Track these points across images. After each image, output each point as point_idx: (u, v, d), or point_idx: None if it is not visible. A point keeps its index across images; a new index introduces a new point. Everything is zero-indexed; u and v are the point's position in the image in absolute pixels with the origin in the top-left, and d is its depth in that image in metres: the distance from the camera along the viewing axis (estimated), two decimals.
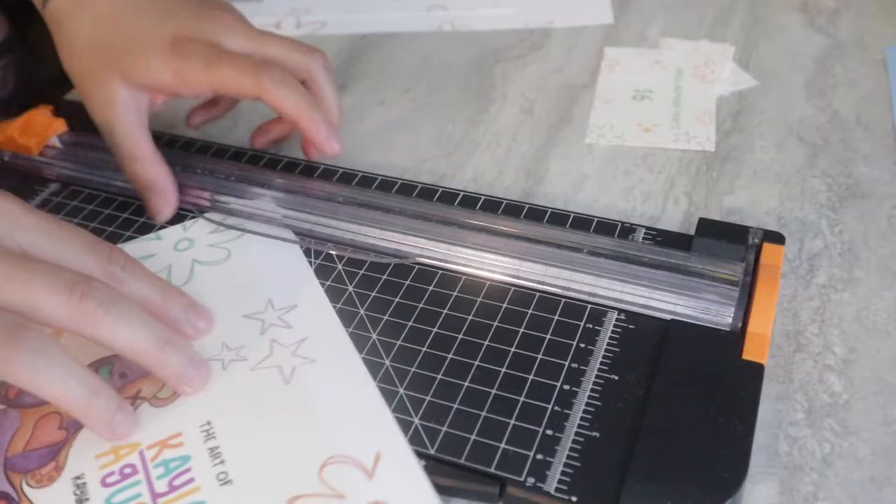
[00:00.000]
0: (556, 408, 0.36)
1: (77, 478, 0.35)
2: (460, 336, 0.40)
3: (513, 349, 0.39)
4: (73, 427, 0.37)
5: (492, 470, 0.34)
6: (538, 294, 0.42)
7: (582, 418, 0.36)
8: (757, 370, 0.37)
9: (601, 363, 0.38)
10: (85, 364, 0.35)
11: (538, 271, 0.42)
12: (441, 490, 0.35)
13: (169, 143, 0.53)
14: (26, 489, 0.34)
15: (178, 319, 0.39)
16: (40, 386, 0.33)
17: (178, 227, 0.46)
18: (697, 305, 0.40)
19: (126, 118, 0.45)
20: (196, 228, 0.46)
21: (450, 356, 0.39)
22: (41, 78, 0.62)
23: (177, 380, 0.37)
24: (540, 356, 0.39)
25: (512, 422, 0.36)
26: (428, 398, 0.37)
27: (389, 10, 0.69)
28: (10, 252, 0.35)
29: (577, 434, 0.35)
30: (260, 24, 0.69)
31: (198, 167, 0.49)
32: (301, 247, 0.44)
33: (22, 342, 0.32)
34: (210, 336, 0.40)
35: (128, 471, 0.35)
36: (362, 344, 0.40)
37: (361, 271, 0.43)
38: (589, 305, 0.41)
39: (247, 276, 0.43)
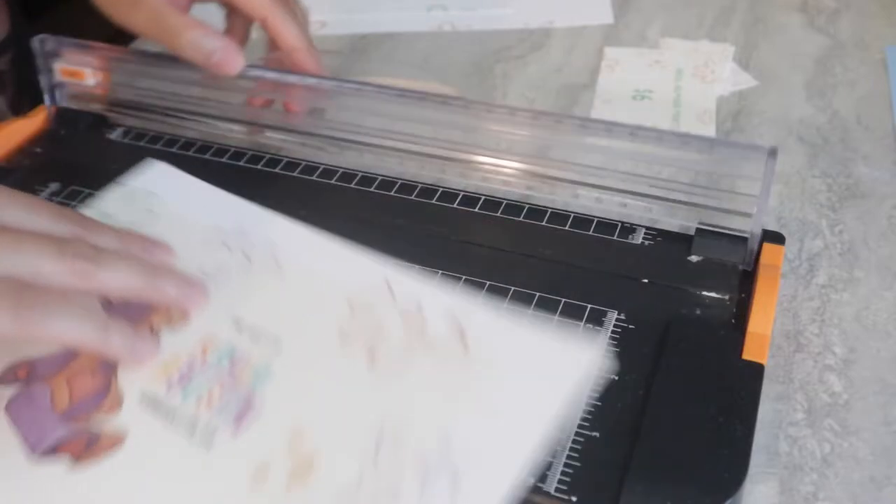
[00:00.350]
0: None
1: (144, 394, 0.37)
2: None
3: None
4: (108, 369, 0.38)
5: None
6: (538, 295, 0.41)
7: (582, 418, 0.36)
8: (757, 370, 0.37)
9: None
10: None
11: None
12: None
13: (169, 143, 0.53)
14: (98, 421, 0.37)
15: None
16: (60, 334, 0.36)
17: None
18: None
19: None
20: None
21: None
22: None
23: (177, 301, 0.40)
24: None
25: None
26: None
27: (389, 10, 0.69)
28: (3, 227, 0.38)
29: (577, 434, 0.35)
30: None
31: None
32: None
33: (33, 300, 0.36)
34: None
35: (186, 370, 0.38)
36: None
37: None
38: (589, 306, 0.41)
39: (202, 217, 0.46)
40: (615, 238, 0.45)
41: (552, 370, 0.36)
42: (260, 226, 0.45)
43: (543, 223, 0.46)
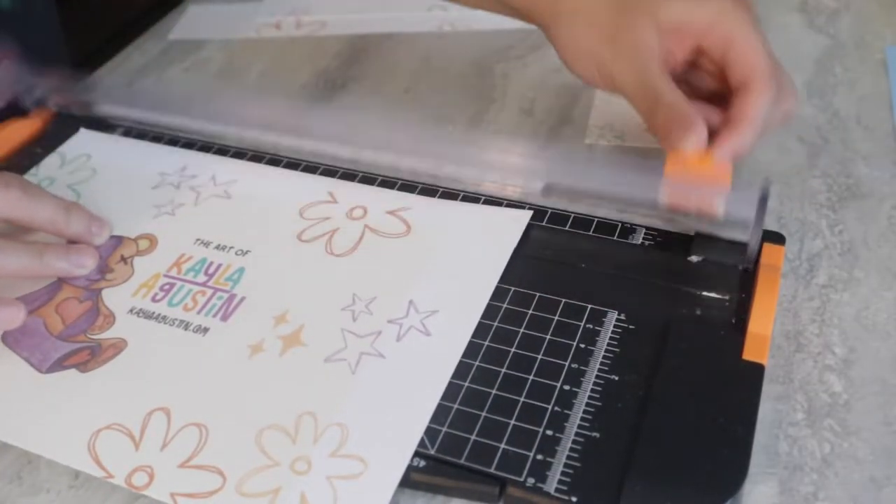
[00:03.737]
0: (557, 408, 0.36)
1: (131, 310, 0.42)
2: None
3: (513, 349, 0.39)
4: (92, 295, 0.43)
5: (492, 470, 0.34)
6: (538, 295, 0.42)
7: (582, 418, 0.36)
8: (757, 370, 0.37)
9: (601, 363, 0.38)
10: None
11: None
12: (441, 490, 0.35)
13: (169, 143, 0.53)
14: (95, 336, 0.41)
15: (82, 232, 0.45)
16: (2, 268, 0.41)
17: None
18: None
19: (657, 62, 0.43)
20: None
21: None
22: None
23: (69, 272, 0.44)
24: (540, 356, 0.39)
25: (512, 422, 0.36)
26: None
27: (389, 11, 0.69)
28: None
29: (577, 434, 0.35)
30: (260, 25, 0.69)
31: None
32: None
33: None
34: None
35: (167, 284, 0.43)
36: None
37: None
38: (589, 306, 0.41)
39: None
40: (615, 238, 0.45)
41: (489, 234, 0.44)
42: (202, 165, 0.50)
43: (544, 223, 0.46)
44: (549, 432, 0.35)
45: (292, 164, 0.50)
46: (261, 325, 0.41)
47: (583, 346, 0.39)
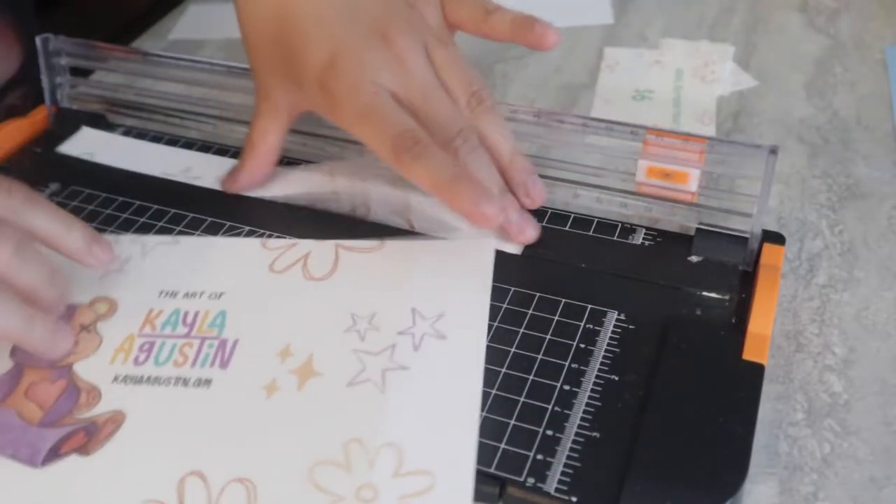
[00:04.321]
0: (556, 408, 0.36)
1: (115, 379, 0.38)
2: None
3: (513, 349, 0.39)
4: (63, 371, 0.39)
5: (492, 470, 0.34)
6: (538, 295, 0.42)
7: (582, 418, 0.36)
8: (757, 370, 0.37)
9: (601, 363, 0.38)
10: None
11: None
12: None
13: (169, 143, 0.53)
14: (84, 415, 0.37)
15: (80, 250, 0.41)
16: None
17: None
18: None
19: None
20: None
21: None
22: None
23: (44, 349, 0.39)
24: (540, 356, 0.39)
25: (512, 422, 0.36)
26: None
27: None
28: None
29: (577, 434, 0.35)
30: None
31: None
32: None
33: None
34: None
35: (146, 344, 0.40)
36: None
37: None
38: (589, 306, 0.41)
39: None
40: (615, 238, 0.45)
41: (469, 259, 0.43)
42: (207, 167, 0.49)
43: (544, 223, 0.46)
44: (549, 432, 0.35)
45: (294, 165, 0.50)
46: (266, 364, 0.38)
47: (583, 346, 0.39)
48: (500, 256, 0.44)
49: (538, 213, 0.46)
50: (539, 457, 0.35)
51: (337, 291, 0.41)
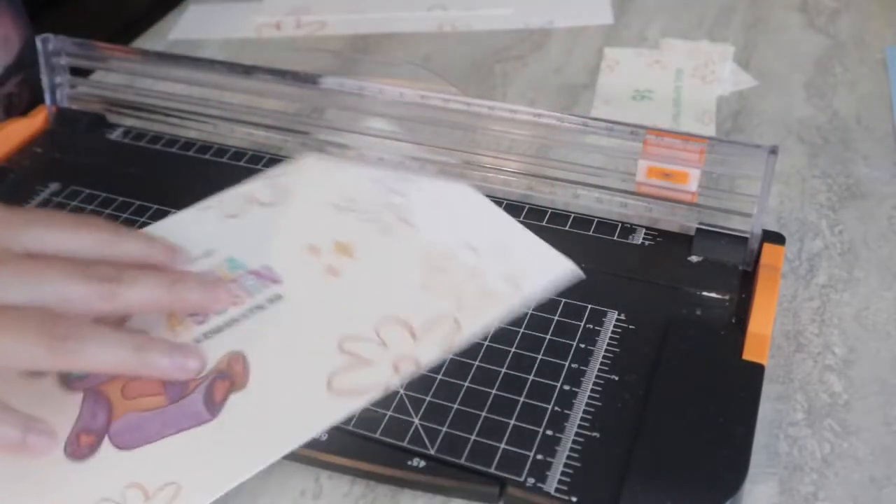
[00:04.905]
0: (556, 408, 0.36)
1: (196, 341, 0.40)
2: None
3: (513, 349, 0.39)
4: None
5: (492, 470, 0.34)
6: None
7: (582, 418, 0.36)
8: (757, 370, 0.37)
9: (601, 363, 0.38)
10: None
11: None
12: (441, 490, 0.35)
13: (169, 143, 0.53)
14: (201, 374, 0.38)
15: (165, 263, 0.41)
16: (97, 362, 0.36)
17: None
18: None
19: None
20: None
21: (450, 356, 0.39)
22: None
23: (204, 306, 0.40)
24: (540, 356, 0.39)
25: (512, 422, 0.36)
26: (428, 398, 0.37)
27: (390, 10, 0.69)
28: (18, 254, 0.37)
29: (577, 434, 0.35)
30: (260, 25, 0.70)
31: None
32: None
33: (65, 331, 0.35)
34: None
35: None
36: None
37: None
38: (589, 306, 0.41)
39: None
40: (615, 238, 0.45)
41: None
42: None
43: (544, 223, 0.46)
44: (549, 432, 0.35)
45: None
46: (307, 259, 0.43)
47: (583, 346, 0.39)
48: None
49: (538, 213, 0.46)
50: (539, 457, 0.35)
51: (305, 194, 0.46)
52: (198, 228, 0.46)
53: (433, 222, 0.45)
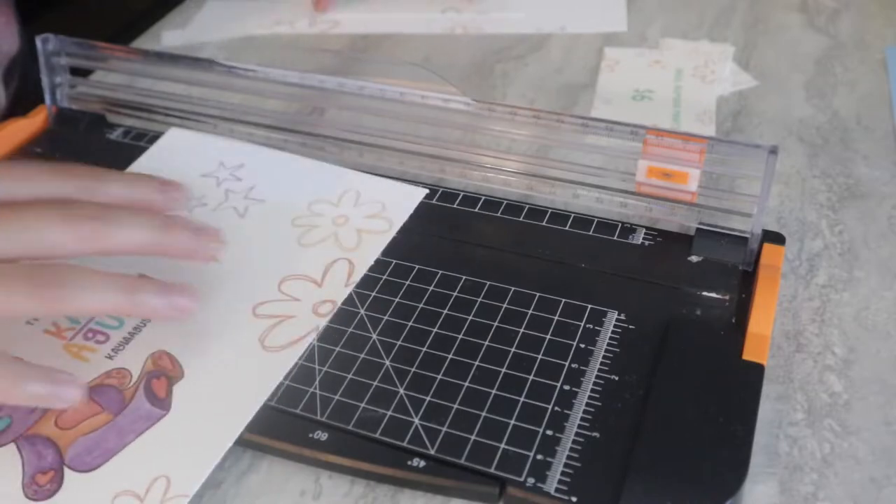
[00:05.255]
0: (556, 408, 0.36)
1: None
2: (460, 336, 0.40)
3: (513, 349, 0.39)
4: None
5: (492, 470, 0.34)
6: (538, 295, 0.42)
7: (582, 418, 0.36)
8: (757, 370, 0.37)
9: (601, 363, 0.38)
10: None
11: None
12: (441, 490, 0.35)
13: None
14: (129, 385, 0.38)
15: (158, 201, 0.40)
16: (86, 306, 0.35)
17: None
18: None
19: None
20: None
21: (450, 356, 0.39)
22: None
23: (195, 251, 0.39)
24: (540, 356, 0.39)
25: (512, 422, 0.36)
26: (428, 398, 0.37)
27: (403, 11, 0.69)
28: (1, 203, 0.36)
29: (577, 434, 0.35)
30: (273, 23, 0.70)
31: None
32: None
33: (50, 278, 0.34)
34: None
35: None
36: (362, 344, 0.40)
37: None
38: (589, 306, 0.41)
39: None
40: (615, 238, 0.45)
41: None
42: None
43: (543, 223, 0.46)
44: (549, 432, 0.35)
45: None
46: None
47: (583, 346, 0.39)
48: (499, 255, 0.44)
49: (539, 213, 0.46)
50: (539, 457, 0.35)
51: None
52: None
53: (280, 192, 0.48)
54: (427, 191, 0.47)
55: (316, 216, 0.46)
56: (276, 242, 0.44)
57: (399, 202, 0.46)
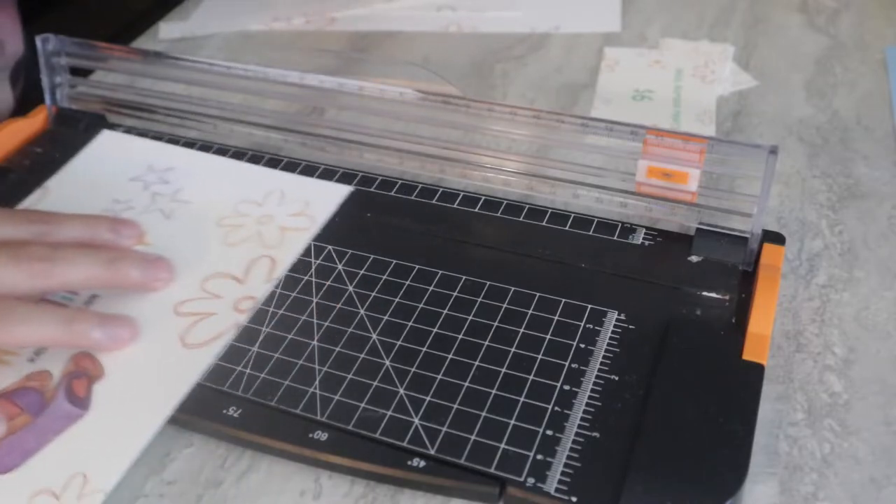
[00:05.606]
0: (556, 408, 0.36)
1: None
2: (460, 336, 0.40)
3: (513, 349, 0.39)
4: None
5: (492, 470, 0.34)
6: (538, 295, 0.42)
7: (582, 418, 0.36)
8: (757, 370, 0.37)
9: (601, 363, 0.38)
10: None
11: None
12: (441, 490, 0.35)
13: (169, 143, 0.53)
14: (51, 385, 0.39)
15: (110, 241, 0.43)
16: (25, 338, 0.38)
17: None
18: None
19: None
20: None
21: (450, 356, 0.39)
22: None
23: (144, 283, 0.42)
24: (540, 356, 0.39)
25: (512, 422, 0.36)
26: (428, 398, 0.37)
27: (399, 9, 0.70)
28: None
29: (577, 434, 0.35)
30: (271, 19, 0.70)
31: None
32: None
33: None
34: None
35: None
36: (362, 344, 0.40)
37: (361, 271, 0.43)
38: (589, 306, 0.41)
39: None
40: (615, 238, 0.45)
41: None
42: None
43: (543, 223, 0.46)
44: (549, 432, 0.35)
45: (294, 165, 0.50)
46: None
47: (583, 346, 0.39)
48: (499, 255, 0.44)
49: (539, 214, 0.46)
50: (539, 457, 0.35)
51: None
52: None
53: (207, 193, 0.48)
54: (352, 188, 0.48)
55: (241, 216, 0.46)
56: (201, 242, 0.45)
57: (322, 200, 0.47)
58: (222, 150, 0.52)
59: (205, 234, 0.46)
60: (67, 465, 0.35)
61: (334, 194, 0.48)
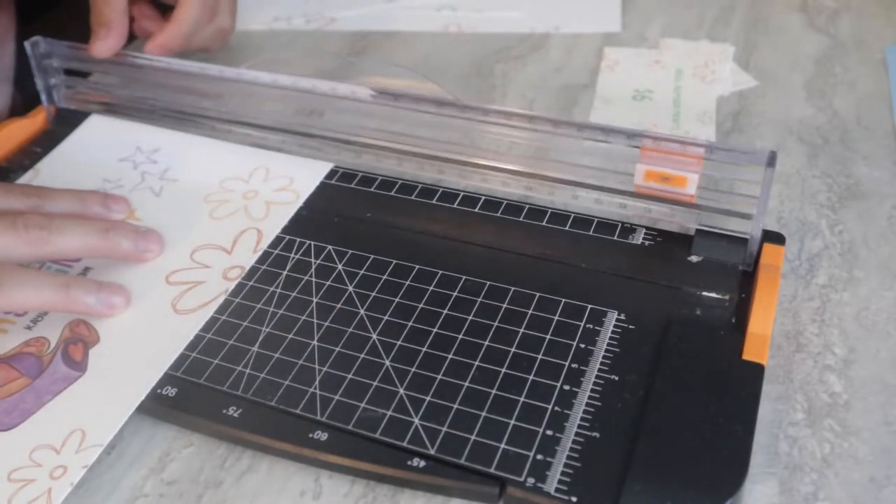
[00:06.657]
0: (556, 408, 0.36)
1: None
2: (460, 336, 0.40)
3: (513, 349, 0.39)
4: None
5: (492, 470, 0.34)
6: (538, 295, 0.42)
7: (582, 418, 0.36)
8: (757, 370, 0.37)
9: (601, 363, 0.38)
10: None
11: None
12: (441, 490, 0.35)
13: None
14: (47, 351, 0.40)
15: (101, 214, 0.45)
16: (23, 302, 0.39)
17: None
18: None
19: None
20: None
21: (450, 356, 0.39)
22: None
23: (135, 255, 0.43)
24: (540, 356, 0.39)
25: (512, 422, 0.36)
26: (428, 398, 0.37)
27: (399, 9, 0.70)
28: None
29: (577, 434, 0.35)
30: (269, 19, 0.70)
31: None
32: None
33: None
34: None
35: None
36: (362, 344, 0.40)
37: (361, 271, 0.43)
38: (589, 306, 0.41)
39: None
40: (615, 238, 0.45)
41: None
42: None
43: (543, 223, 0.46)
44: (549, 432, 0.35)
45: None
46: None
47: (583, 346, 0.39)
48: (499, 255, 0.44)
49: (539, 214, 0.46)
50: (539, 457, 0.35)
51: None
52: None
53: (194, 172, 0.50)
54: (332, 165, 0.50)
55: (227, 192, 0.48)
56: (190, 217, 0.47)
57: (306, 176, 0.49)
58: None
59: (193, 209, 0.47)
60: (66, 423, 0.37)
61: (318, 170, 0.49)
